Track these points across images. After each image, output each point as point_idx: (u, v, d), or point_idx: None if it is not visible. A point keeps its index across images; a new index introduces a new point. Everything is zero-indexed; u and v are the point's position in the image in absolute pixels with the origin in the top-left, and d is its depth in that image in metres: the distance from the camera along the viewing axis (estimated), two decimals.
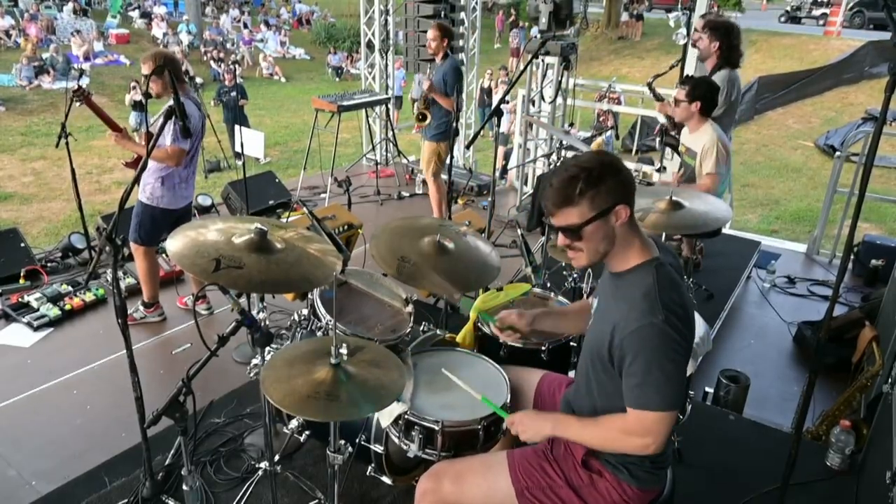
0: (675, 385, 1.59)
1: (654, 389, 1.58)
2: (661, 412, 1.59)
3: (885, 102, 1.90)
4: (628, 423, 1.65)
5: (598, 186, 1.60)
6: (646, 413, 1.61)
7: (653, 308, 1.58)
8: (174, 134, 3.44)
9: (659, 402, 1.59)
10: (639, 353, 1.59)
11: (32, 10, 17.64)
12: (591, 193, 1.60)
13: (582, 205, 1.61)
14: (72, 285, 4.40)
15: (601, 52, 20.47)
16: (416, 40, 6.73)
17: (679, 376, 1.59)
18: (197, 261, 1.90)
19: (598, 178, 1.60)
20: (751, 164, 10.56)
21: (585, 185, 1.60)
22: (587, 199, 1.61)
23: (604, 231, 1.64)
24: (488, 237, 3.37)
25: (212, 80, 14.86)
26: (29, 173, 8.84)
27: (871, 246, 5.07)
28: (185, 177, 3.75)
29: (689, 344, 1.61)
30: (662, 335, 1.56)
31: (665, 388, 1.58)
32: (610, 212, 1.62)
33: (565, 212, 1.63)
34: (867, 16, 22.39)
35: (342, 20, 22.14)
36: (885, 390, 2.88)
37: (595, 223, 1.62)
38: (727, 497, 2.72)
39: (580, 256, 1.70)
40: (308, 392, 1.76)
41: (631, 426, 1.65)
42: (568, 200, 1.62)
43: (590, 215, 1.62)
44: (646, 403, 1.60)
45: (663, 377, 1.57)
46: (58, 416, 3.28)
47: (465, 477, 1.88)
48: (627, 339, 1.60)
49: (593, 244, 1.66)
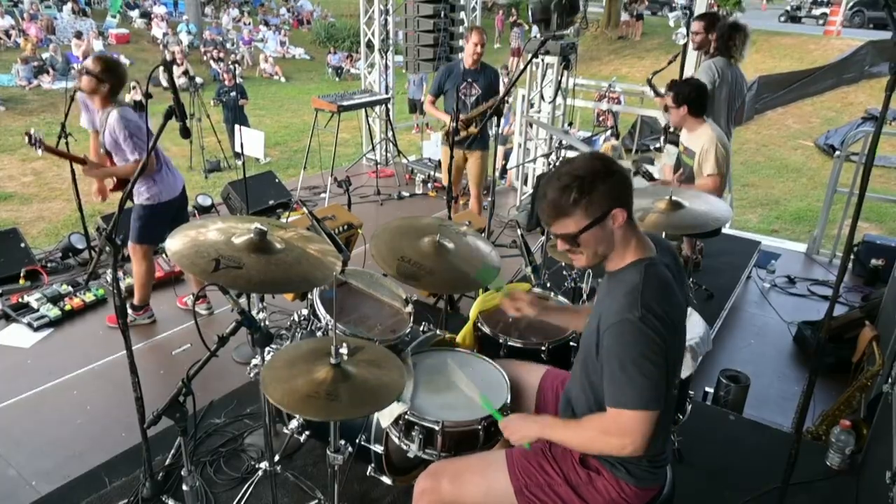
0: (653, 384, 1.56)
1: (629, 387, 1.57)
2: (637, 411, 1.57)
3: (885, 102, 1.90)
4: (606, 422, 1.65)
5: (591, 194, 1.59)
6: (621, 411, 1.60)
7: (632, 305, 1.58)
8: (137, 147, 3.47)
9: (635, 401, 1.57)
10: (615, 350, 1.59)
11: (32, 10, 17.64)
12: (584, 202, 1.60)
13: (576, 214, 1.61)
14: (72, 285, 4.40)
15: (601, 51, 20.46)
16: (415, 40, 6.73)
17: (653, 376, 1.56)
18: (196, 261, 1.90)
19: (590, 186, 1.59)
20: (751, 163, 10.55)
21: (578, 194, 1.59)
22: (581, 208, 1.60)
23: (601, 235, 1.65)
24: (488, 237, 3.37)
25: (212, 80, 14.86)
26: (29, 173, 8.84)
27: (871, 246, 5.07)
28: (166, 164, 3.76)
29: (666, 344, 1.58)
30: (636, 332, 1.56)
31: (641, 387, 1.56)
32: (605, 217, 1.62)
33: (562, 222, 1.64)
34: (867, 15, 22.40)
35: (342, 20, 22.13)
36: (885, 390, 2.88)
37: (591, 230, 1.62)
38: (727, 497, 2.72)
39: (581, 259, 1.71)
40: (308, 392, 1.76)
41: (609, 426, 1.64)
42: (562, 212, 1.62)
43: (585, 223, 1.62)
44: (621, 401, 1.60)
45: (639, 375, 1.56)
46: (58, 416, 3.28)
47: (464, 476, 1.87)
48: (606, 334, 1.61)
49: (592, 248, 1.67)
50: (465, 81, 4.83)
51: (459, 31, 7.08)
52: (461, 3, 7.06)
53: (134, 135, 3.47)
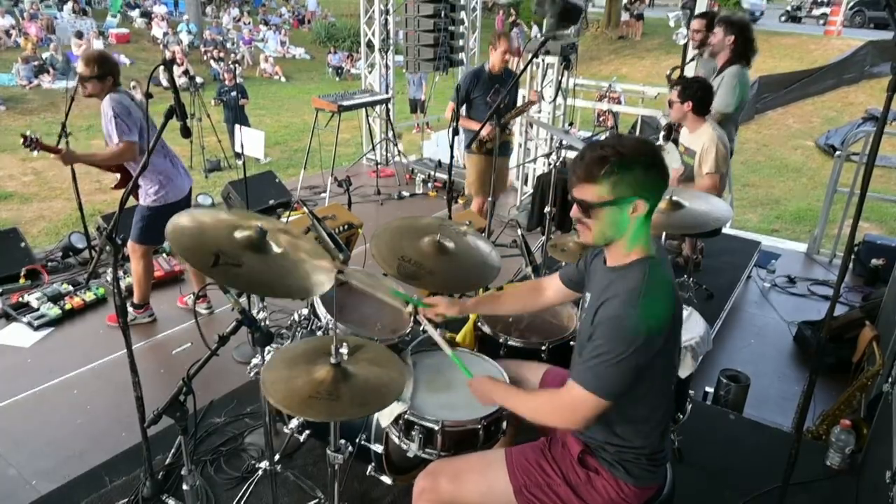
0: (616, 379, 1.60)
1: (594, 370, 1.61)
2: (592, 394, 1.62)
3: (886, 102, 1.90)
4: (560, 394, 1.70)
5: (624, 174, 1.59)
6: (578, 388, 1.64)
7: (632, 303, 1.59)
8: (119, 129, 3.44)
9: (593, 384, 1.62)
10: (601, 339, 1.61)
11: (32, 10, 17.64)
12: (614, 178, 1.59)
13: (603, 186, 1.60)
14: (72, 285, 4.40)
15: (601, 51, 20.45)
16: (416, 40, 6.73)
17: (625, 373, 1.59)
18: (196, 252, 1.88)
19: (627, 166, 1.59)
20: (751, 163, 10.55)
21: (613, 167, 1.58)
22: (610, 182, 1.60)
23: (616, 218, 1.64)
24: (488, 237, 3.37)
25: (212, 80, 14.85)
26: (29, 173, 8.83)
27: (872, 246, 5.07)
28: (174, 165, 3.75)
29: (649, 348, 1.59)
30: (625, 331, 1.58)
31: (605, 375, 1.60)
32: (628, 202, 1.61)
33: (586, 187, 1.63)
34: (867, 15, 22.37)
35: (342, 20, 22.13)
36: (885, 390, 2.88)
37: (609, 207, 1.62)
38: (727, 497, 2.72)
39: (586, 233, 1.70)
40: (308, 392, 1.76)
41: (560, 398, 1.70)
42: (591, 177, 1.61)
43: (607, 198, 1.61)
44: (581, 379, 1.64)
45: (608, 366, 1.59)
46: (58, 416, 3.28)
47: (463, 475, 1.88)
48: (598, 323, 1.64)
49: (602, 226, 1.66)
50: (494, 88, 4.78)
51: (460, 30, 7.08)
52: (461, 3, 7.06)
53: (119, 116, 3.43)
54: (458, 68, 7.40)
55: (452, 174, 3.49)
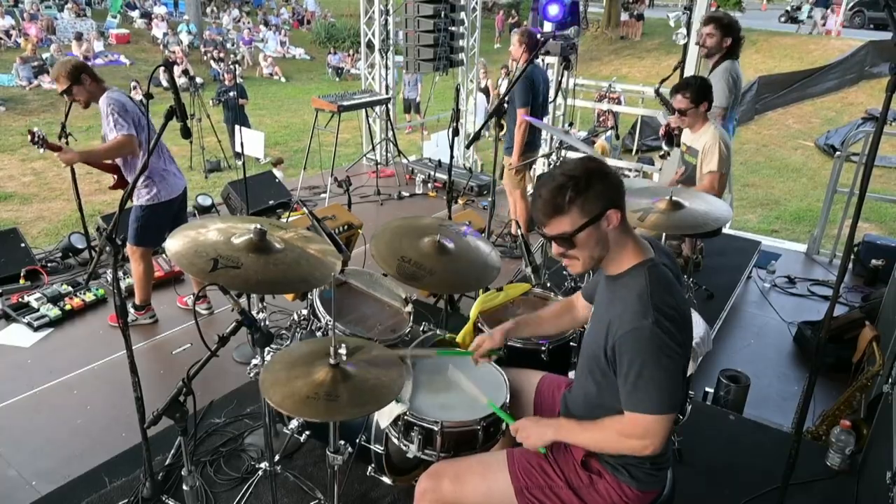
0: (669, 388, 1.58)
1: (646, 393, 1.59)
2: (656, 415, 1.59)
3: (885, 102, 1.90)
4: (625, 425, 1.65)
5: (587, 193, 1.60)
6: (640, 416, 1.61)
7: (644, 310, 1.59)
8: (116, 124, 3.45)
9: (652, 406, 1.59)
10: (631, 356, 1.59)
11: (32, 10, 17.64)
12: (580, 201, 1.60)
13: (572, 213, 1.61)
14: (72, 285, 4.40)
15: (601, 52, 20.46)
16: (416, 40, 6.73)
17: (673, 379, 1.58)
18: (195, 260, 1.90)
19: (585, 185, 1.60)
20: (751, 164, 10.55)
21: (574, 192, 1.60)
22: (577, 206, 1.61)
23: (596, 236, 1.65)
24: (488, 237, 3.37)
25: (212, 80, 14.87)
26: (29, 173, 8.84)
27: (872, 246, 5.07)
28: (167, 165, 3.75)
29: (681, 346, 1.60)
30: (653, 337, 1.56)
31: (658, 391, 1.58)
32: (601, 217, 1.62)
33: (556, 221, 1.63)
34: (867, 15, 22.38)
35: (342, 20, 22.14)
36: (885, 390, 2.88)
37: (587, 230, 1.63)
38: (727, 497, 2.72)
39: (576, 264, 1.70)
40: (308, 393, 1.75)
41: (628, 429, 1.65)
42: (558, 210, 1.62)
43: (581, 222, 1.62)
44: (640, 407, 1.61)
45: (655, 380, 1.57)
46: (58, 416, 3.27)
47: (465, 476, 1.87)
48: (620, 341, 1.61)
49: (587, 250, 1.67)
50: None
51: (460, 31, 7.08)
52: (461, 4, 7.06)
53: (115, 111, 3.45)
54: (458, 69, 7.40)
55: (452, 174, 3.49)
